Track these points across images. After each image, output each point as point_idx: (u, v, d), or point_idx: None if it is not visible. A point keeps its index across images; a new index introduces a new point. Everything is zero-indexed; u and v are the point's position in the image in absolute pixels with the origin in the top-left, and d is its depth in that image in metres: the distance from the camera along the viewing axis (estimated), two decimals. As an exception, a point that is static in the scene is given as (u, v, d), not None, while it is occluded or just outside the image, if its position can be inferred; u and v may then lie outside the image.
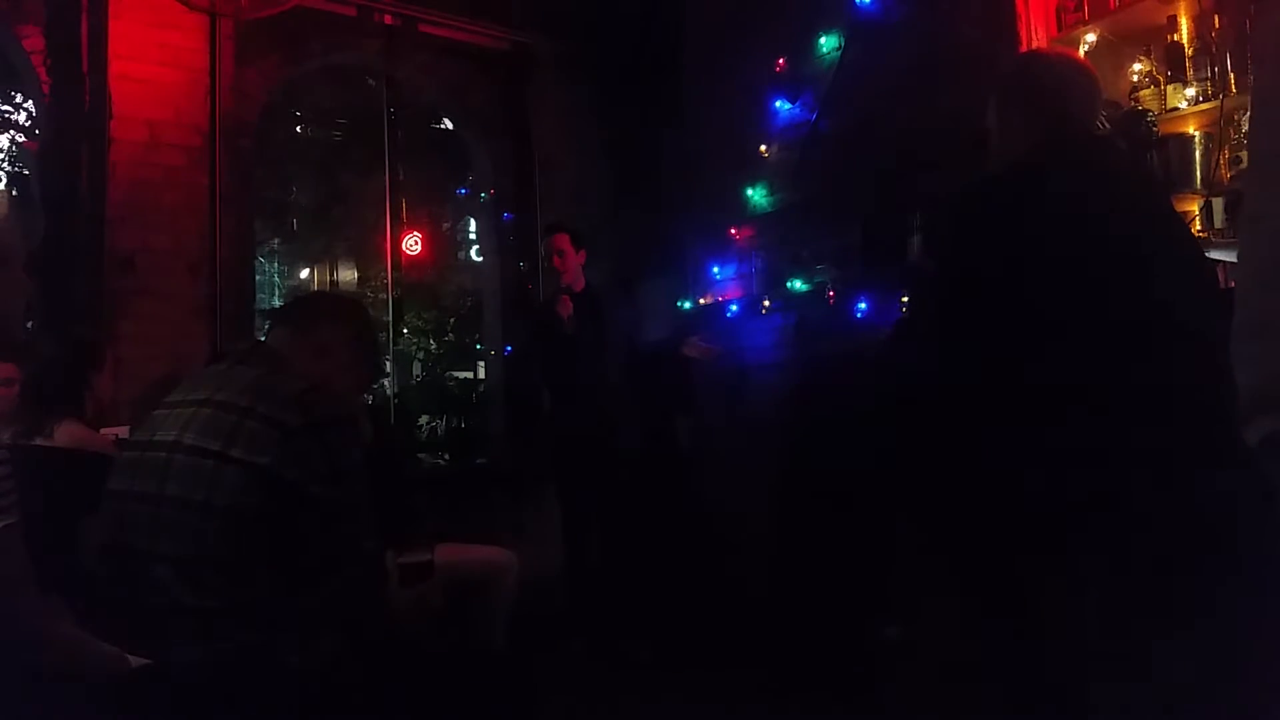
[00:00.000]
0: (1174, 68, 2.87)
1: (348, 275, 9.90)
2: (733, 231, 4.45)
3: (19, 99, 7.12)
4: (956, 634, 2.17)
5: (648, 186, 5.03)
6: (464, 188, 7.85)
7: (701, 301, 4.59)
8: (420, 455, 6.90)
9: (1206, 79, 2.80)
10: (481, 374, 7.77)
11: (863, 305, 3.65)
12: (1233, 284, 2.62)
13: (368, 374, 2.23)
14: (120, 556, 1.66)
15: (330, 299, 2.22)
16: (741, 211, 4.39)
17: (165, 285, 4.05)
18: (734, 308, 4.37)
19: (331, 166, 8.11)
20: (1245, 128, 2.73)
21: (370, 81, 6.14)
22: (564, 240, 3.97)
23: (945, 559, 1.95)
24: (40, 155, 4.10)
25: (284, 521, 1.61)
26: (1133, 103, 2.91)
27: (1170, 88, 2.87)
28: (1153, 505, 1.54)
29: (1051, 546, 1.60)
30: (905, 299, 3.32)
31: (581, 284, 3.99)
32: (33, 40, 3.95)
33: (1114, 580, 1.59)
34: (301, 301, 2.21)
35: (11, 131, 7.54)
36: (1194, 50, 2.86)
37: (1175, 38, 2.89)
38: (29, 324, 3.95)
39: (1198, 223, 2.72)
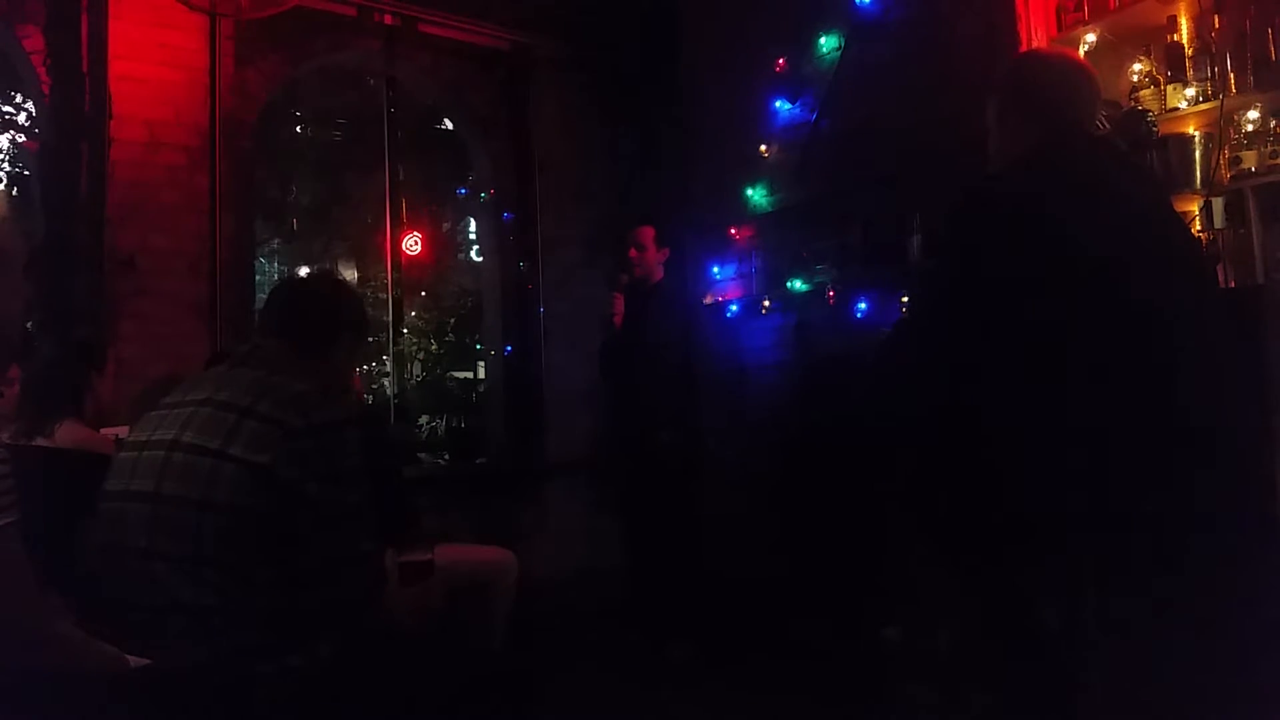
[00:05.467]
0: (1174, 68, 2.87)
1: (348, 275, 9.89)
2: (733, 231, 4.45)
3: (19, 99, 7.12)
4: (956, 635, 2.17)
5: (647, 186, 5.03)
6: (464, 188, 7.84)
7: (703, 301, 4.59)
8: (420, 455, 6.90)
9: (1206, 79, 2.80)
10: (481, 374, 7.77)
11: (863, 305, 3.65)
12: (1233, 283, 2.63)
13: (363, 348, 2.26)
14: (118, 556, 1.66)
15: (315, 290, 2.18)
16: (741, 211, 4.39)
17: (165, 285, 4.05)
18: (734, 308, 4.37)
19: (331, 166, 8.10)
20: (1246, 128, 2.73)
21: (370, 81, 6.14)
22: (648, 235, 3.95)
23: (945, 560, 1.95)
24: (40, 155, 4.09)
25: (282, 521, 1.60)
26: (1133, 103, 2.91)
27: (1170, 88, 2.87)
28: (1152, 507, 1.54)
29: (1051, 550, 1.60)
30: (905, 299, 3.32)
31: (657, 277, 3.97)
32: (33, 40, 3.95)
33: (1113, 586, 1.59)
34: (291, 297, 2.13)
35: (11, 131, 7.54)
36: (1194, 50, 2.85)
37: (1175, 38, 2.89)
38: (29, 324, 3.96)
39: (1198, 223, 2.72)
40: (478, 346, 7.62)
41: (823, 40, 4.09)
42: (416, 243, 5.26)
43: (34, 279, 3.92)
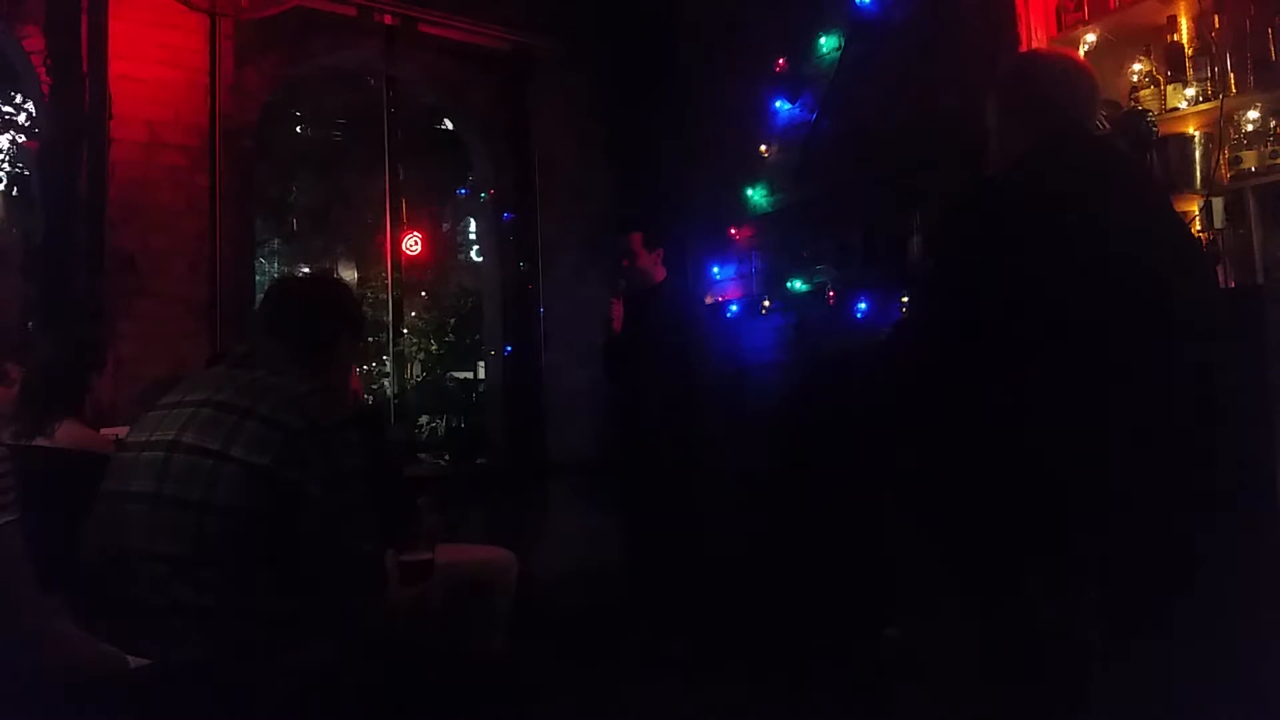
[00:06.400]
0: (1174, 68, 2.87)
1: (348, 275, 9.90)
2: (733, 231, 4.45)
3: (19, 99, 7.12)
4: (957, 634, 2.17)
5: (647, 187, 5.03)
6: (464, 188, 7.84)
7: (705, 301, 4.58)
8: (420, 455, 6.90)
9: (1206, 79, 2.80)
10: (481, 374, 7.77)
11: (863, 305, 3.65)
12: (1232, 283, 2.64)
13: (361, 347, 2.26)
14: (117, 556, 1.66)
15: (311, 290, 2.19)
16: (741, 211, 4.39)
17: (165, 285, 4.04)
18: (734, 308, 4.37)
19: (331, 166, 8.10)
20: (1246, 128, 2.73)
21: (370, 81, 6.14)
22: (635, 241, 3.90)
23: (946, 559, 1.95)
24: (40, 155, 4.09)
25: (283, 522, 1.60)
26: (1133, 103, 2.91)
27: (1170, 88, 2.87)
28: (1152, 507, 1.54)
29: (1051, 550, 1.60)
30: (905, 299, 3.32)
31: (657, 279, 3.93)
32: (33, 40, 3.95)
33: (1113, 585, 1.59)
34: (287, 297, 2.10)
35: (11, 131, 7.53)
36: (1194, 50, 2.86)
37: (1175, 38, 2.89)
38: (29, 324, 3.96)
39: (1197, 223, 2.72)
40: (481, 347, 7.62)
41: (823, 40, 4.09)
42: (416, 243, 5.26)
43: (34, 279, 3.93)
